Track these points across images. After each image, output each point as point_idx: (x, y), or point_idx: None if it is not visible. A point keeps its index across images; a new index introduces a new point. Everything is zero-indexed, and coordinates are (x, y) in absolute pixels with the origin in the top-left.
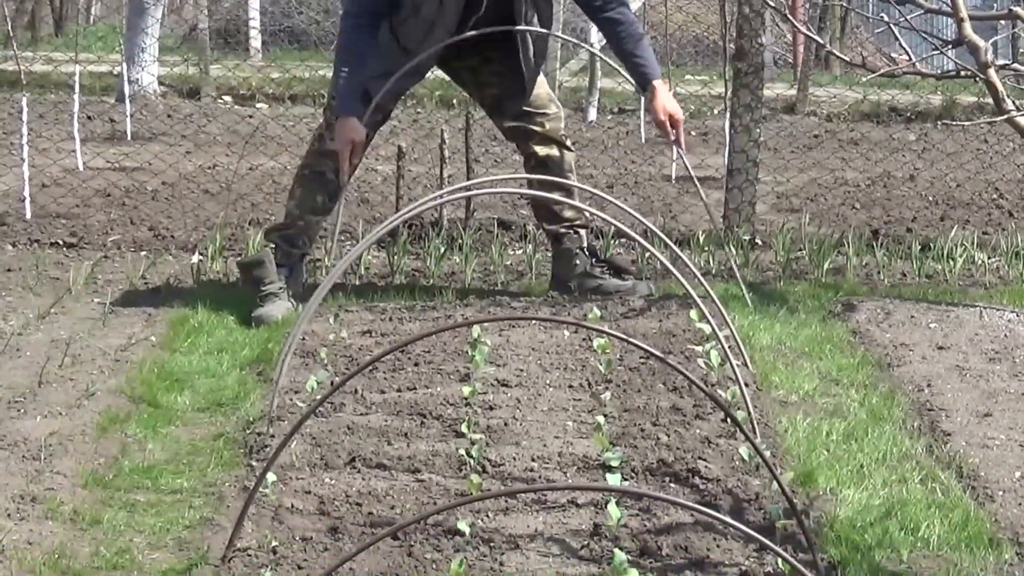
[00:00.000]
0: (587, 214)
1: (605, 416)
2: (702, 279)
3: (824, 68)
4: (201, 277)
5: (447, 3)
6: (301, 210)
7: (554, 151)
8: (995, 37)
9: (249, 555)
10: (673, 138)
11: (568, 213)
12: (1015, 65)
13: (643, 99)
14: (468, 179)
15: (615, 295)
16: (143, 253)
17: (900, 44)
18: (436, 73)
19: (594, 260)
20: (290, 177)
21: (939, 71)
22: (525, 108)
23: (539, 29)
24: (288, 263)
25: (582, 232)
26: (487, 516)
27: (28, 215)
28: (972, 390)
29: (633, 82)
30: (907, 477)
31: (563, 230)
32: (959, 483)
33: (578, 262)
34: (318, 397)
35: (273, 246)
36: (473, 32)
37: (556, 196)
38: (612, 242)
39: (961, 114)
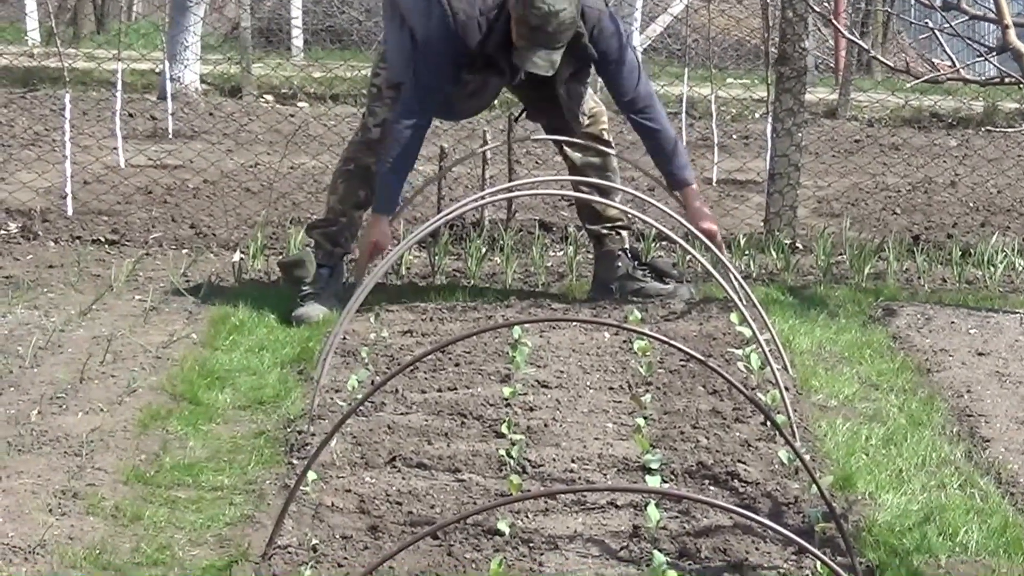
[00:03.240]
0: (629, 215)
1: (645, 418)
2: (743, 283)
3: (865, 73)
4: (242, 275)
5: (491, 83)
6: (344, 205)
7: (592, 156)
8: None
9: (289, 553)
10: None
11: (611, 212)
12: None
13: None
14: (510, 180)
15: (656, 298)
16: (184, 251)
17: (944, 50)
18: None
19: (636, 263)
20: (331, 176)
21: (983, 77)
22: None
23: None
24: (329, 262)
25: (624, 234)
26: (527, 516)
27: (70, 212)
28: (1012, 396)
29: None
30: (946, 482)
31: (605, 231)
32: (998, 489)
33: (620, 264)
34: (359, 396)
35: (314, 244)
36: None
37: (598, 197)
38: (653, 244)
39: (1003, 120)
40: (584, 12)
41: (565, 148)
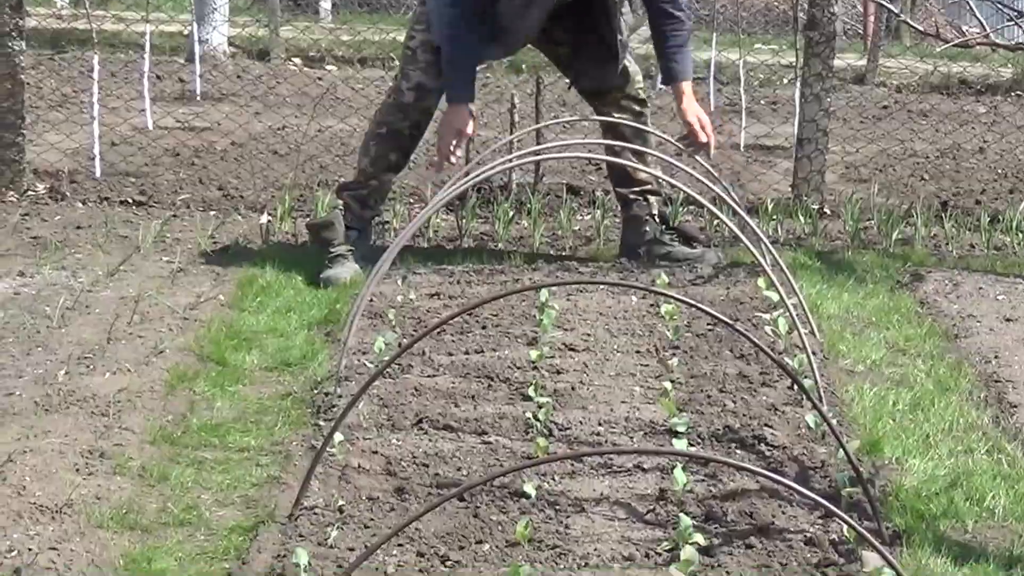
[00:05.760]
0: (659, 180)
1: (672, 382)
2: (770, 247)
3: (894, 39)
4: (270, 237)
5: None
6: (375, 168)
7: (626, 114)
8: None
9: (316, 514)
10: (704, 140)
11: (641, 176)
12: None
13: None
14: (537, 144)
15: (684, 263)
16: (212, 213)
17: (974, 15)
18: None
19: (663, 227)
20: (359, 139)
21: (1013, 43)
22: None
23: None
24: (358, 224)
25: (652, 199)
26: (553, 479)
27: (98, 173)
28: None
29: (660, 73)
30: (973, 448)
31: (633, 196)
32: None
33: (647, 229)
34: (386, 358)
35: (343, 206)
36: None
37: (628, 159)
38: (681, 209)
39: None
40: None
41: (601, 107)
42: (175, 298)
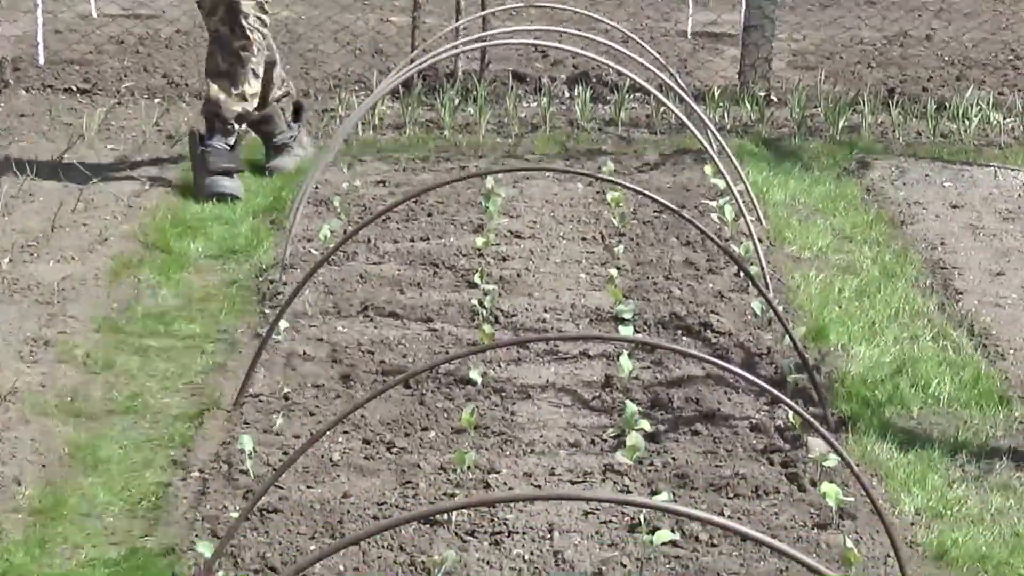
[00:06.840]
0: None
1: (618, 269)
2: (717, 134)
3: None
4: None
5: None
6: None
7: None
8: None
9: (261, 401)
10: None
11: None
12: None
13: None
14: (483, 31)
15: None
16: (157, 100)
17: None
18: None
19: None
20: (306, 26)
21: None
22: None
23: None
24: (294, 119)
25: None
26: (499, 366)
27: (41, 61)
28: (985, 249)
29: None
30: (919, 335)
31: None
32: (970, 341)
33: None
34: (331, 246)
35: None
36: None
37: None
38: (627, 96)
39: None
40: None
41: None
42: (120, 186)
